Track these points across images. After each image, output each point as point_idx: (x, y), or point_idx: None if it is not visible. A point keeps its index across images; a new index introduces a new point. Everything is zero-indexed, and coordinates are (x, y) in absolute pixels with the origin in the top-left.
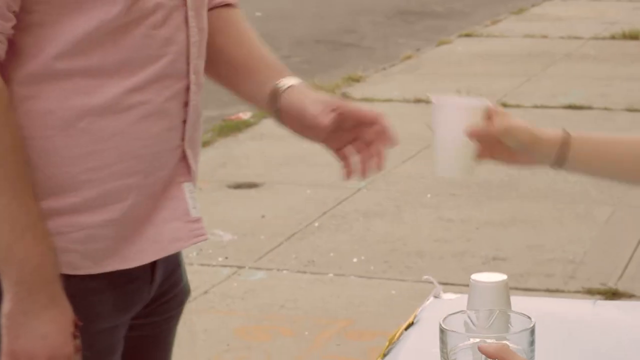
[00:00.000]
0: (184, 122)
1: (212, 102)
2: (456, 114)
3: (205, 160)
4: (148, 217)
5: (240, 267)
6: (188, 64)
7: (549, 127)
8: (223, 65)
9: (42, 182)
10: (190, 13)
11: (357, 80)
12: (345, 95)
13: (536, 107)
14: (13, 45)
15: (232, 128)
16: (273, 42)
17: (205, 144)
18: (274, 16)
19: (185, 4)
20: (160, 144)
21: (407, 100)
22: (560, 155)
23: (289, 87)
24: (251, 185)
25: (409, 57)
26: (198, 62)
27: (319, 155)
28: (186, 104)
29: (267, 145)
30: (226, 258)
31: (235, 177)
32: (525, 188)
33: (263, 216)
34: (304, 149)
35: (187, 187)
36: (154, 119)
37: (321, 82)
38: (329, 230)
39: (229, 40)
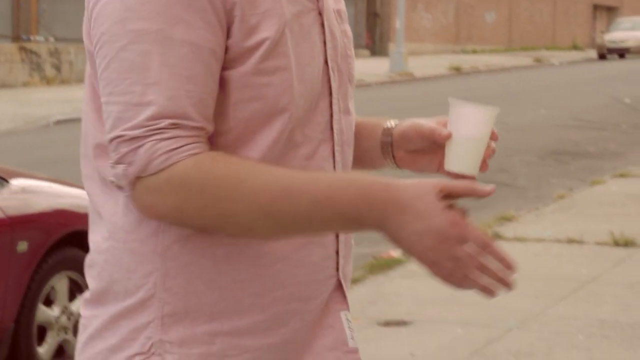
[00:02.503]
0: (337, 252)
1: (363, 239)
2: (469, 113)
3: (356, 297)
4: (308, 345)
5: None
6: None
7: None
8: None
9: (208, 304)
10: (337, 148)
11: (509, 219)
12: (496, 235)
13: None
14: None
15: (383, 265)
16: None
17: (356, 281)
18: None
19: (332, 139)
20: (319, 272)
21: (559, 241)
22: None
23: (398, 123)
24: (401, 323)
25: (562, 197)
26: None
27: (469, 294)
28: (337, 235)
29: (418, 283)
30: None
31: (385, 315)
32: None
33: (412, 354)
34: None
35: (344, 315)
36: (313, 247)
37: (474, 221)
38: None
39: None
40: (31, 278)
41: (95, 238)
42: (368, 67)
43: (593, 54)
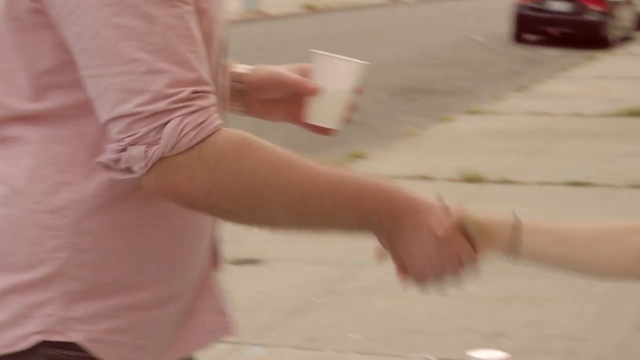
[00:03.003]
0: None
1: None
2: (338, 67)
3: None
4: (193, 308)
5: (239, 344)
6: None
7: (549, 204)
8: None
9: (117, 278)
10: (220, 102)
11: (360, 156)
12: None
13: (538, 183)
14: None
15: None
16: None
17: None
18: None
19: (216, 92)
20: (207, 238)
21: (410, 177)
22: (513, 241)
23: (253, 69)
24: (252, 262)
25: (412, 134)
26: None
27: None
28: None
29: None
30: None
31: (236, 254)
32: (525, 264)
33: (264, 293)
34: None
35: (217, 276)
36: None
37: (325, 159)
38: (329, 306)
39: None
40: None
41: None
42: None
43: None
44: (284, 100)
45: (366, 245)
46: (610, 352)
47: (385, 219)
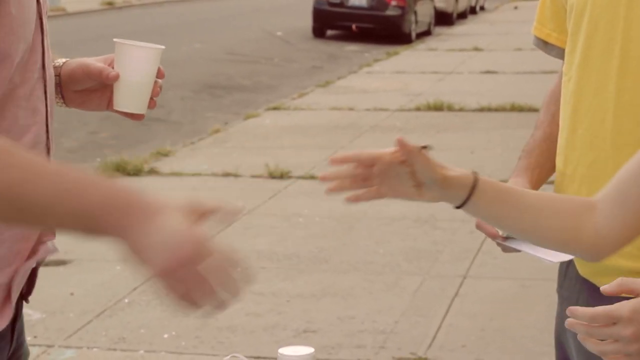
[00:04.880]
0: None
1: None
2: (135, 54)
3: None
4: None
5: (49, 346)
6: (47, 131)
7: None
8: None
9: None
10: (48, 88)
11: (165, 154)
12: (153, 171)
13: None
14: None
15: None
16: (81, 117)
17: None
18: None
19: (44, 78)
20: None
21: (215, 174)
22: (468, 194)
23: (65, 61)
24: (59, 263)
25: (217, 131)
26: (52, 128)
27: None
28: None
29: None
30: (35, 337)
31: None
32: (335, 260)
33: (72, 293)
34: None
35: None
36: None
37: (129, 157)
38: (139, 306)
39: None
40: None
41: None
42: None
43: None
44: (95, 90)
45: None
46: (419, 346)
47: (106, 214)
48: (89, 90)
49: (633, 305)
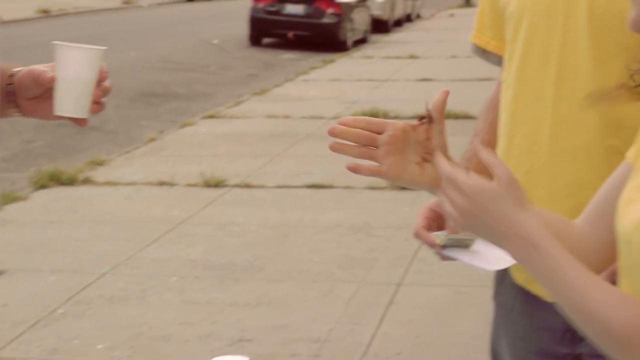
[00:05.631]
0: None
1: None
2: (76, 56)
3: None
4: None
5: None
6: None
7: (291, 206)
8: None
9: None
10: None
11: (100, 164)
12: (87, 180)
13: (279, 187)
14: None
15: None
16: (15, 126)
17: None
18: None
19: None
20: None
21: (150, 183)
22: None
23: (19, 70)
24: None
25: (152, 140)
26: None
27: (63, 241)
28: None
29: (9, 231)
30: None
31: None
32: (270, 269)
33: (5, 305)
34: (46, 235)
35: None
36: None
37: (64, 166)
38: (73, 316)
39: None
40: None
41: None
42: None
43: None
44: (47, 97)
45: (108, 252)
46: (354, 354)
47: None
48: (41, 97)
49: (478, 186)
